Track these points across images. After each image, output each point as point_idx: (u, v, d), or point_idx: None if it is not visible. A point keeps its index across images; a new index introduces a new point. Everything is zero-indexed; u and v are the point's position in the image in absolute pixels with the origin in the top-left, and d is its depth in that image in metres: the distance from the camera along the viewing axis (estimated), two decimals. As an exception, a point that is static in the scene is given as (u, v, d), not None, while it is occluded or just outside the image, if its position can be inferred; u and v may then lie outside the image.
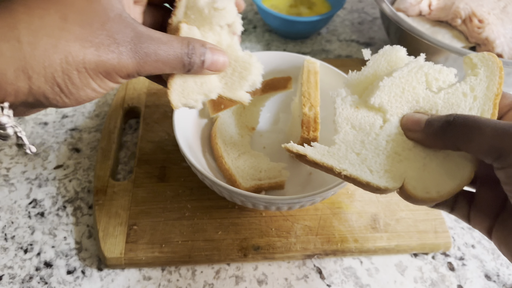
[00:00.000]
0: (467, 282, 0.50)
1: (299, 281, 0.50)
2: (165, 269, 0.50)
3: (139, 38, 0.30)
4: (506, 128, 0.28)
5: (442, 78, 0.36)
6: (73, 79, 0.29)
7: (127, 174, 0.59)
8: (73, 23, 0.28)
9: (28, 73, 0.27)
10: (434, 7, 0.75)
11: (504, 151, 0.27)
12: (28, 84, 0.27)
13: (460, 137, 0.30)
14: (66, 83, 0.29)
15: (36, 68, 0.27)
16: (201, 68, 0.34)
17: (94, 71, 0.29)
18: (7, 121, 0.28)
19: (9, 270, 0.49)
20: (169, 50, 0.32)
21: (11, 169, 0.59)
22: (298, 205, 0.47)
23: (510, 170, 0.27)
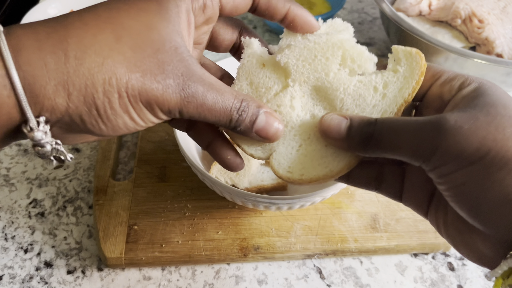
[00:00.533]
0: (467, 282, 0.50)
1: (299, 281, 0.50)
2: (165, 269, 0.50)
3: (190, 76, 0.28)
4: (420, 130, 0.27)
5: (358, 61, 0.34)
6: (112, 103, 0.27)
7: (127, 174, 0.59)
8: (125, 45, 0.27)
9: (69, 89, 0.26)
10: (434, 7, 0.75)
11: (426, 156, 0.27)
12: (66, 101, 0.26)
13: (382, 148, 0.29)
14: (105, 107, 0.27)
15: (77, 85, 0.26)
16: (249, 129, 0.32)
17: (135, 98, 0.27)
18: (42, 137, 0.26)
19: (9, 270, 0.49)
20: (219, 98, 0.29)
21: (11, 169, 0.59)
22: (298, 205, 0.47)
23: (439, 171, 0.27)
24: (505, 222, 0.26)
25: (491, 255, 0.28)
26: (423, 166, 0.28)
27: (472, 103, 0.28)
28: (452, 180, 0.27)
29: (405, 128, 0.28)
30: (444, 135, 0.26)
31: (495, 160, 0.25)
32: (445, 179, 0.27)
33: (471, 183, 0.26)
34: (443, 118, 0.27)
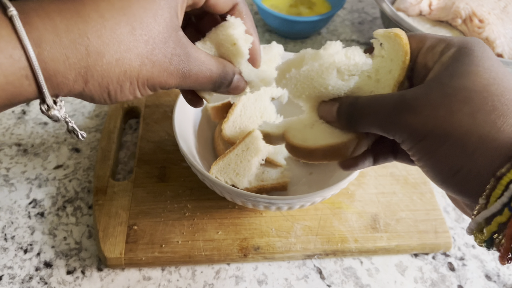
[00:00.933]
0: (468, 282, 0.50)
1: (299, 281, 0.49)
2: (165, 269, 0.50)
3: (189, 61, 0.33)
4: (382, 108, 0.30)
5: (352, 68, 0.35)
6: (123, 88, 0.31)
7: (127, 174, 0.59)
8: (139, 39, 0.30)
9: (87, 79, 0.29)
10: (434, 7, 0.75)
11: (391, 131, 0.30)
12: (83, 87, 0.29)
13: (361, 125, 0.33)
14: (116, 92, 0.31)
15: (95, 76, 0.29)
16: (226, 89, 0.38)
17: (143, 84, 0.31)
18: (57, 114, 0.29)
19: (9, 270, 0.49)
20: (207, 71, 0.35)
21: (11, 169, 0.59)
22: (298, 205, 0.47)
23: (403, 145, 0.30)
24: (459, 191, 0.28)
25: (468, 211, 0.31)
26: (402, 146, 0.31)
27: (439, 74, 0.30)
28: (413, 154, 0.30)
29: (374, 108, 0.31)
30: (400, 113, 0.29)
31: (438, 137, 0.28)
32: (410, 153, 0.30)
33: (426, 158, 0.29)
34: (402, 96, 0.30)
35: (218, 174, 0.49)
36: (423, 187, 0.57)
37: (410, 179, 0.57)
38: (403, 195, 0.56)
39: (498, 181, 0.26)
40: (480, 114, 0.27)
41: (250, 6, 0.91)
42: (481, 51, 0.30)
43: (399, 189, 0.56)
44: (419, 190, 0.56)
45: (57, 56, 0.27)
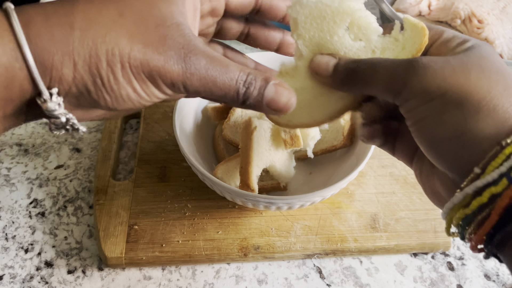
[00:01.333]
0: (467, 281, 0.50)
1: (299, 280, 0.50)
2: (166, 268, 0.50)
3: (192, 49, 0.29)
4: (395, 67, 0.30)
5: (364, 30, 0.35)
6: (116, 73, 0.28)
7: (127, 174, 0.59)
8: (128, 19, 0.28)
9: (74, 59, 0.27)
10: (433, 7, 0.75)
11: (397, 90, 0.29)
12: (73, 71, 0.27)
13: (362, 83, 0.32)
14: (109, 76, 0.28)
15: (82, 55, 0.27)
16: (260, 102, 0.31)
17: (137, 68, 0.28)
18: (55, 108, 0.27)
19: (10, 269, 0.49)
20: (223, 70, 0.29)
21: (12, 169, 0.59)
22: (298, 205, 0.47)
23: (406, 105, 0.30)
24: (453, 159, 0.28)
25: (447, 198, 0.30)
26: (395, 101, 0.30)
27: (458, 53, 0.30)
28: (416, 115, 0.29)
29: (382, 66, 0.30)
30: (413, 73, 0.29)
31: (452, 98, 0.28)
32: (410, 114, 0.30)
33: (429, 118, 0.29)
34: (416, 59, 0.29)
35: (223, 175, 0.49)
36: (422, 187, 0.57)
37: (409, 179, 0.58)
38: (403, 195, 0.56)
39: (501, 150, 0.26)
40: (496, 86, 0.27)
41: (250, 6, 0.91)
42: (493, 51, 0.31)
43: (398, 189, 0.56)
44: (419, 190, 0.56)
45: (43, 33, 0.26)
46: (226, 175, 0.49)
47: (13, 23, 0.25)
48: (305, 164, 0.57)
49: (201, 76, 0.29)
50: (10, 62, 0.25)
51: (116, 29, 0.27)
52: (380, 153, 0.60)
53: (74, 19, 0.27)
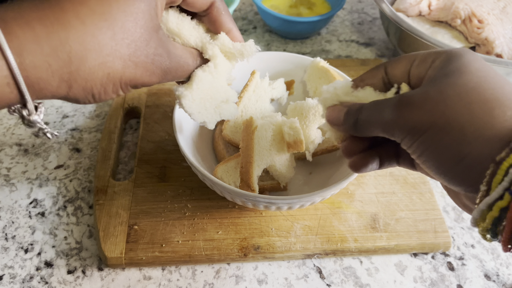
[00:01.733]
0: (467, 282, 0.50)
1: (299, 280, 0.50)
2: (166, 268, 0.50)
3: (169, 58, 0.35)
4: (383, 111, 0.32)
5: None
6: (107, 90, 0.32)
7: (127, 174, 0.59)
8: (121, 43, 0.30)
9: (71, 84, 0.29)
10: (433, 7, 0.75)
11: (391, 132, 0.32)
12: (67, 91, 0.30)
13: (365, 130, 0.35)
14: (100, 93, 0.31)
15: (79, 81, 0.29)
16: None
17: (126, 84, 0.32)
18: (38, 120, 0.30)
19: (10, 270, 0.49)
20: (185, 65, 0.37)
21: (12, 169, 0.59)
22: (298, 205, 0.47)
23: (403, 143, 0.32)
24: (462, 181, 0.29)
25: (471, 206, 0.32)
26: (395, 140, 0.32)
27: (433, 76, 0.31)
28: (415, 151, 0.31)
29: (376, 113, 0.33)
30: (399, 113, 0.31)
31: (440, 129, 0.29)
32: (410, 150, 0.31)
33: (428, 151, 0.30)
34: (401, 96, 0.32)
35: (223, 175, 0.49)
36: (422, 187, 0.57)
37: (409, 179, 0.58)
38: (403, 195, 0.56)
39: (498, 166, 0.27)
40: (476, 105, 0.28)
41: (250, 6, 0.92)
42: (470, 55, 0.31)
43: (398, 189, 0.56)
44: (419, 190, 0.56)
45: (39, 64, 0.27)
46: (226, 175, 0.49)
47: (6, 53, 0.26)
48: (305, 164, 0.57)
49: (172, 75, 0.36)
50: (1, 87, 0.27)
51: (111, 55, 0.30)
52: (380, 153, 0.60)
53: (70, 49, 0.28)
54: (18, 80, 0.27)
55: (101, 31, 0.29)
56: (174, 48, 0.35)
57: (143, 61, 0.32)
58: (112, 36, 0.30)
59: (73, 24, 0.28)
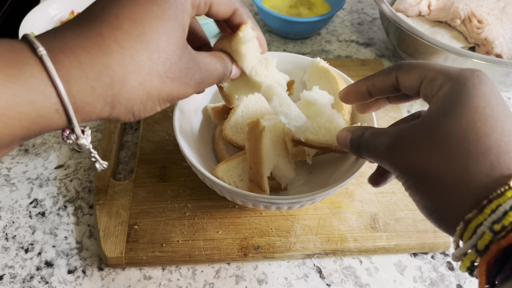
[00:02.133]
0: (467, 281, 0.50)
1: (299, 280, 0.50)
2: (166, 268, 0.50)
3: (200, 69, 0.36)
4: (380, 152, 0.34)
5: None
6: (146, 107, 0.33)
7: (127, 174, 0.59)
8: (158, 61, 0.32)
9: (114, 106, 0.31)
10: (433, 7, 0.75)
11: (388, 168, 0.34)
12: (110, 112, 0.31)
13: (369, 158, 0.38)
14: (140, 111, 0.33)
15: (121, 102, 0.31)
16: (228, 78, 0.42)
17: (164, 100, 0.34)
18: (86, 143, 0.32)
19: (10, 269, 0.49)
20: (215, 71, 0.39)
21: (12, 169, 0.59)
22: (298, 205, 0.47)
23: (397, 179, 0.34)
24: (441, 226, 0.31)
25: None
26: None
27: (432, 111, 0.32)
28: (406, 188, 0.33)
29: (373, 144, 0.35)
30: (391, 153, 0.33)
31: (419, 176, 0.31)
32: (404, 186, 0.33)
33: (413, 194, 0.32)
34: (394, 134, 0.33)
35: (223, 174, 0.49)
36: (422, 187, 0.57)
37: (409, 179, 0.58)
38: (402, 195, 0.56)
39: (467, 225, 0.28)
40: (454, 158, 0.29)
41: (250, 6, 0.92)
42: (475, 87, 0.31)
43: (398, 188, 0.56)
44: (418, 190, 0.56)
45: (85, 89, 0.29)
46: (227, 175, 0.49)
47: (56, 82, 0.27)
48: (305, 164, 0.57)
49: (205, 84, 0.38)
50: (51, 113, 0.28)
51: (149, 75, 0.32)
52: (380, 153, 0.60)
53: (113, 72, 0.30)
54: (67, 107, 0.28)
55: (138, 52, 0.31)
56: (202, 58, 0.37)
57: (178, 76, 0.34)
58: (149, 56, 0.31)
59: (113, 49, 0.30)
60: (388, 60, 0.80)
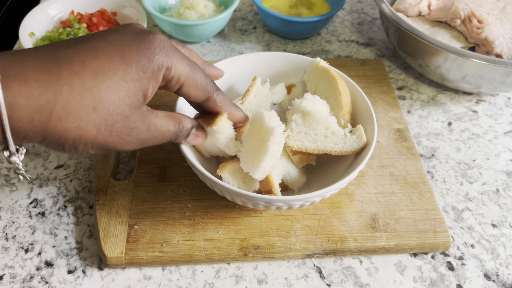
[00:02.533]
0: (467, 281, 0.50)
1: (299, 280, 0.50)
2: (166, 268, 0.50)
3: (148, 130, 0.38)
4: None
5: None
6: (77, 148, 0.35)
7: (127, 174, 0.59)
8: (101, 114, 0.34)
9: (45, 137, 0.33)
10: (433, 7, 0.75)
11: None
12: (40, 141, 0.34)
13: None
14: (70, 149, 0.35)
15: (53, 136, 0.33)
16: (184, 139, 0.44)
17: (98, 147, 0.36)
18: (17, 161, 0.35)
19: (10, 269, 0.49)
20: (166, 132, 0.41)
21: (12, 169, 0.59)
22: (298, 205, 0.47)
23: None
24: None
25: None
26: None
27: None
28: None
29: None
30: None
31: None
32: None
33: None
34: None
35: (229, 174, 0.49)
36: (422, 187, 0.57)
37: (409, 179, 0.58)
38: (402, 195, 0.56)
39: None
40: None
41: (250, 6, 0.92)
42: None
43: (398, 188, 0.56)
44: (418, 190, 0.56)
45: (25, 118, 0.31)
46: (232, 175, 0.49)
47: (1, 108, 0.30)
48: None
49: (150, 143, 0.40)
50: None
51: (88, 124, 0.34)
52: (380, 153, 0.60)
53: (53, 109, 0.32)
54: (5, 130, 0.31)
55: (85, 101, 0.33)
56: (155, 119, 0.39)
57: (119, 131, 0.36)
58: (94, 107, 0.34)
59: (63, 91, 0.32)
60: (388, 60, 0.80)
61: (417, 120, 0.69)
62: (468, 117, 0.70)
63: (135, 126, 0.37)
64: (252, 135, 0.47)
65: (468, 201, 0.58)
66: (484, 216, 0.57)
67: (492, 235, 0.55)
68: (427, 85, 0.75)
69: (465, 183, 0.60)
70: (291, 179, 0.52)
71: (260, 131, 0.46)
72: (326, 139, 0.50)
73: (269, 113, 0.46)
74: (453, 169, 0.62)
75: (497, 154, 0.65)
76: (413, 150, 0.61)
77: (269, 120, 0.45)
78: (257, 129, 0.46)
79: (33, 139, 0.33)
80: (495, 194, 0.59)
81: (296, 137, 0.50)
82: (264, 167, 0.45)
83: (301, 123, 0.50)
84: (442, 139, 0.66)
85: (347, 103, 0.53)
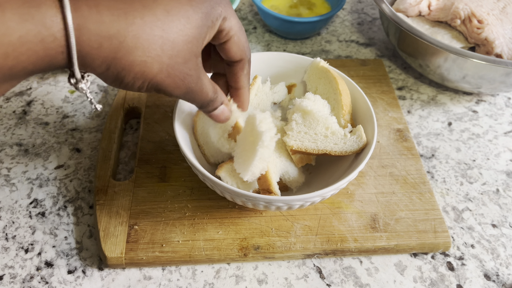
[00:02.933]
0: (467, 282, 0.50)
1: (299, 280, 0.50)
2: (166, 268, 0.50)
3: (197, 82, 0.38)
4: None
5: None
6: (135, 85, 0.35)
7: (127, 174, 0.59)
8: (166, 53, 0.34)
9: (109, 66, 0.32)
10: (433, 7, 0.75)
11: None
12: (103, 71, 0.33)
13: None
14: (127, 85, 0.35)
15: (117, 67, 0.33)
16: (208, 113, 0.45)
17: (153, 86, 0.36)
18: (85, 88, 0.34)
19: (10, 269, 0.49)
20: (205, 93, 0.41)
21: (12, 169, 0.59)
22: (298, 205, 0.47)
23: None
24: None
25: None
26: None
27: None
28: None
29: None
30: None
31: None
32: None
33: None
34: None
35: (227, 174, 0.49)
36: (422, 187, 0.57)
37: (409, 179, 0.58)
38: (402, 195, 0.56)
39: None
40: None
41: (250, 6, 0.92)
42: None
43: (398, 189, 0.56)
44: (418, 190, 0.56)
45: (93, 43, 0.30)
46: (230, 175, 0.49)
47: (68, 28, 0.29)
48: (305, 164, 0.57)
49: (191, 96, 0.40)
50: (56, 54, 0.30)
51: (154, 58, 0.33)
52: (380, 153, 0.60)
53: (124, 39, 0.31)
54: (72, 53, 0.30)
55: (155, 37, 0.33)
56: (203, 76, 0.39)
57: (176, 75, 0.36)
58: (162, 44, 0.33)
59: (136, 22, 0.32)
60: (388, 60, 0.80)
61: (417, 120, 0.69)
62: (468, 117, 0.70)
63: (190, 73, 0.37)
64: (245, 136, 0.47)
65: (468, 201, 0.58)
66: (484, 216, 0.57)
67: (492, 235, 0.55)
68: (427, 85, 0.75)
69: (465, 183, 0.60)
70: (289, 178, 0.52)
71: (252, 134, 0.46)
72: (326, 139, 0.50)
73: (261, 116, 0.46)
74: (453, 169, 0.62)
75: (497, 154, 0.65)
76: (413, 150, 0.61)
77: (260, 123, 0.45)
78: (250, 131, 0.46)
79: (97, 68, 0.32)
80: (495, 194, 0.59)
81: (296, 137, 0.50)
82: (253, 170, 0.45)
83: (301, 123, 0.50)
84: (442, 139, 0.66)
85: (347, 103, 0.54)
